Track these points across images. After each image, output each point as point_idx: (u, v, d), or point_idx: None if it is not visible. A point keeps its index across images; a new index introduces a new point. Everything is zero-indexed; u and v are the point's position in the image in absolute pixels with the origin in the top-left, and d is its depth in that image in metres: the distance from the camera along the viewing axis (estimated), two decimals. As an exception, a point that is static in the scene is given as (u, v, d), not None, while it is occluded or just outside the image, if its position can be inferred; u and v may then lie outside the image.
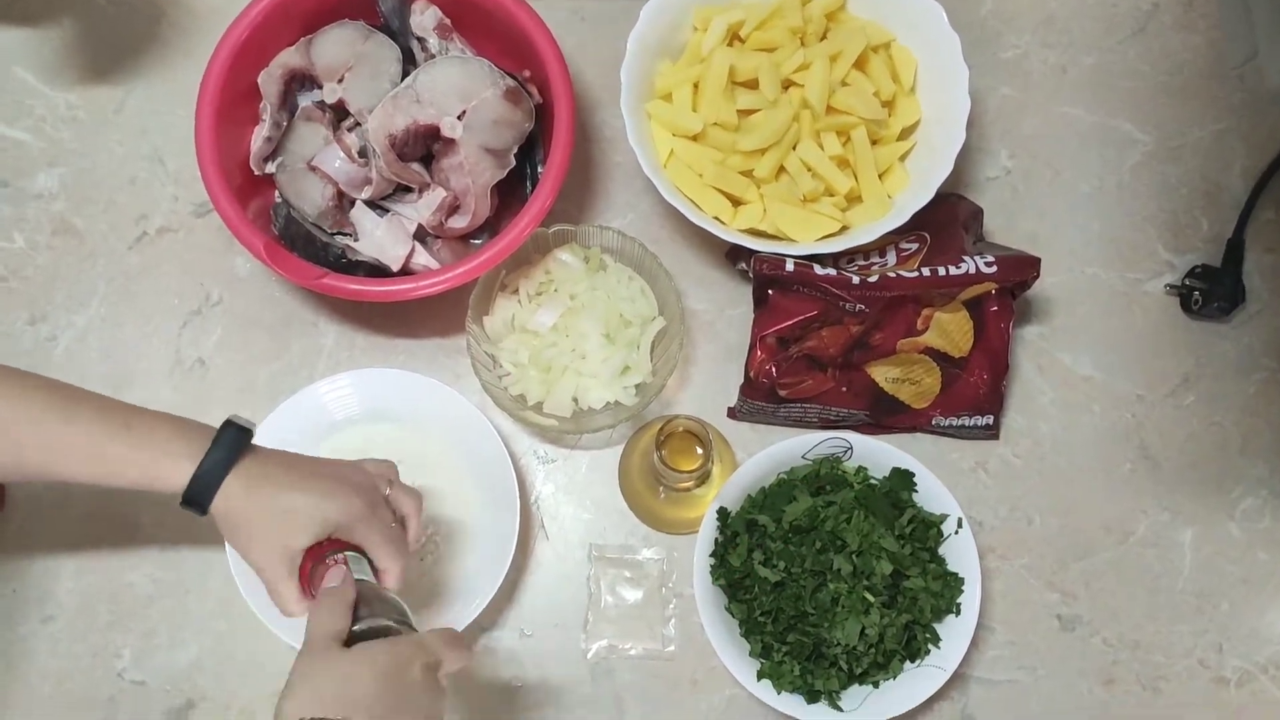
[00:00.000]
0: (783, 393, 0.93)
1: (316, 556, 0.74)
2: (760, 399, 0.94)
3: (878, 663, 0.88)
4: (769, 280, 0.91)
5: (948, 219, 0.96)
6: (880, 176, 0.96)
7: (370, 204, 0.96)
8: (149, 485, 0.73)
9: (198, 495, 0.73)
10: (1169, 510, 0.97)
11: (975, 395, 0.95)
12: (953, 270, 0.91)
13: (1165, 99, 1.05)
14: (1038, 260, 0.92)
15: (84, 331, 0.99)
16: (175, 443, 0.73)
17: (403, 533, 0.78)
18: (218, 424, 0.75)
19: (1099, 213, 1.03)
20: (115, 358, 0.99)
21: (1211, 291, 0.98)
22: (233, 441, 0.74)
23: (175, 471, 0.72)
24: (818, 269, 0.90)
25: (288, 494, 0.73)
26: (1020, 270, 0.92)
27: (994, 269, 0.91)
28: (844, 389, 0.94)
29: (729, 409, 0.98)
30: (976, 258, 0.91)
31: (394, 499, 0.79)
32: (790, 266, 0.90)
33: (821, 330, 0.92)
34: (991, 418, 0.96)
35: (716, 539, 0.90)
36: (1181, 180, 1.04)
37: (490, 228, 0.97)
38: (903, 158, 0.97)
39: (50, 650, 0.93)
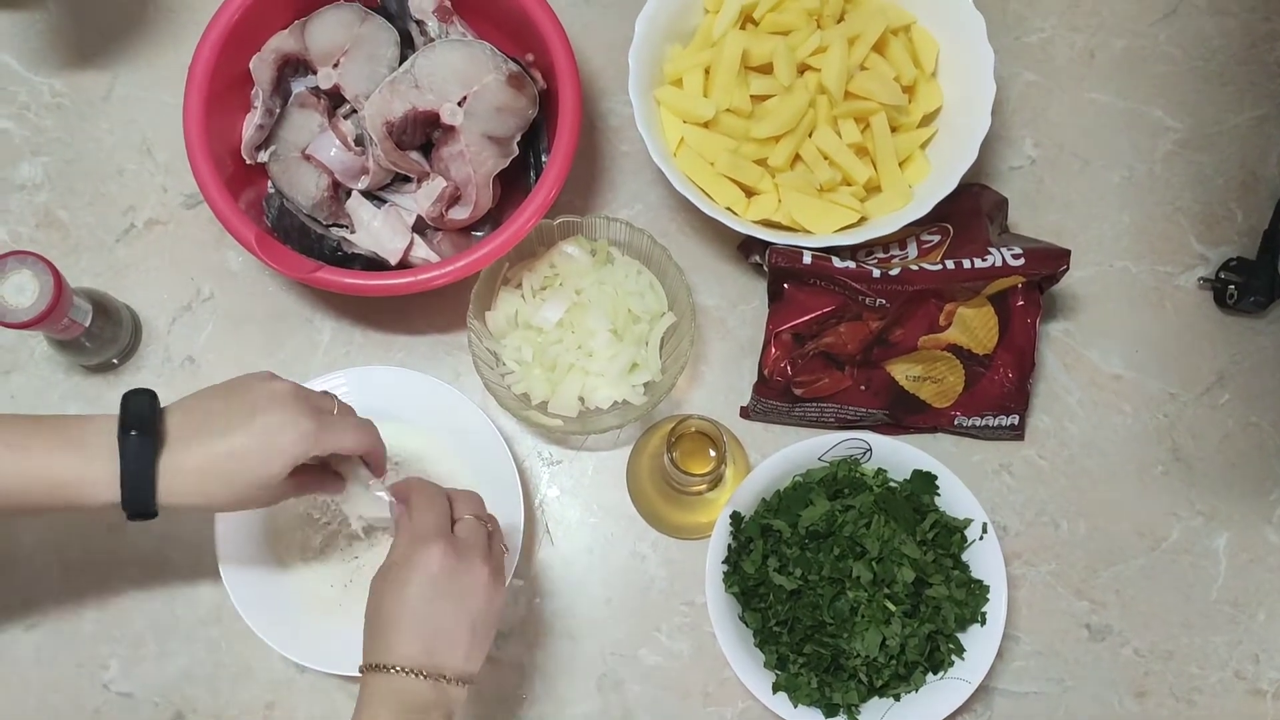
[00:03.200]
0: (798, 391, 0.90)
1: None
2: (775, 398, 0.91)
3: (899, 675, 0.86)
4: (785, 274, 0.88)
5: (971, 209, 0.93)
6: (900, 165, 0.94)
7: (367, 194, 0.94)
8: (67, 498, 0.68)
9: (135, 493, 0.68)
10: (1203, 515, 0.94)
11: (1000, 394, 0.92)
12: (978, 263, 0.87)
13: (1199, 84, 1.02)
14: (1067, 252, 0.89)
15: (70, 328, 0.96)
16: (78, 437, 0.68)
17: (352, 412, 0.76)
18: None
19: (1128, 204, 1.00)
20: (102, 355, 0.96)
21: (1247, 285, 0.95)
22: (140, 411, 0.68)
23: (97, 472, 0.67)
24: (836, 262, 0.87)
25: (230, 437, 0.69)
26: (1049, 262, 0.88)
27: (1021, 261, 0.87)
28: (862, 387, 0.91)
29: (742, 408, 0.94)
30: (1003, 249, 0.88)
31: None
32: (807, 259, 0.86)
33: (839, 326, 0.88)
34: (1017, 417, 0.93)
35: (729, 545, 0.88)
36: (1216, 170, 1.01)
37: (492, 219, 0.95)
38: (924, 146, 0.95)
39: (34, 659, 0.91)
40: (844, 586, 0.85)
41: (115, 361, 0.95)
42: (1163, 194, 1.00)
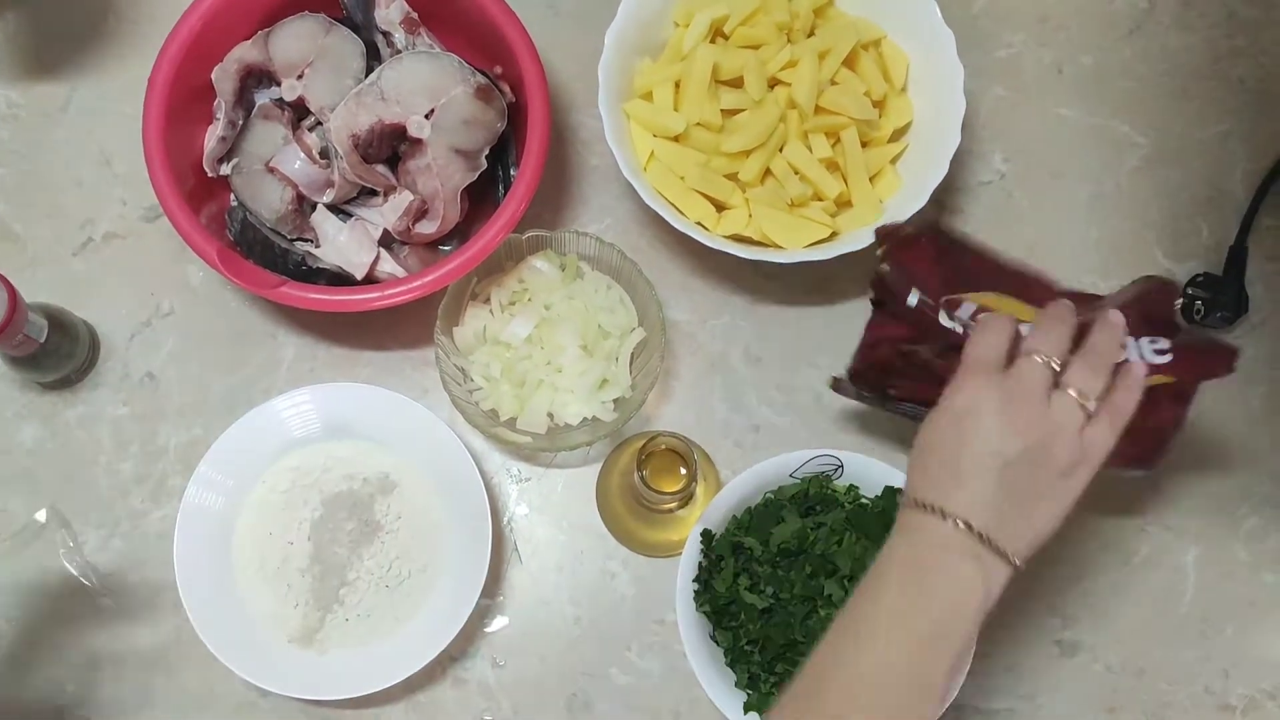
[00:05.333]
0: (892, 392, 0.85)
1: None
2: (868, 390, 0.86)
3: (871, 694, 0.84)
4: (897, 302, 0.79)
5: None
6: (871, 180, 0.93)
7: (332, 208, 0.93)
8: None
9: None
10: (1172, 530, 0.94)
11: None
12: None
13: (1164, 100, 1.03)
14: (1234, 351, 0.75)
15: (25, 343, 0.94)
16: None
17: None
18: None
19: (1096, 219, 1.00)
20: (59, 371, 0.94)
21: (1214, 301, 0.95)
22: None
23: None
24: (943, 319, 0.77)
25: None
26: (1209, 365, 0.74)
27: (1169, 358, 0.72)
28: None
29: (834, 379, 0.87)
30: (1144, 341, 0.74)
31: None
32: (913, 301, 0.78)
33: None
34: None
35: (700, 563, 0.87)
36: (1182, 185, 1.01)
37: (460, 233, 0.94)
38: (894, 160, 0.94)
39: (-13, 685, 0.88)
40: (816, 605, 0.84)
41: (72, 378, 0.93)
42: (1130, 209, 1.00)
